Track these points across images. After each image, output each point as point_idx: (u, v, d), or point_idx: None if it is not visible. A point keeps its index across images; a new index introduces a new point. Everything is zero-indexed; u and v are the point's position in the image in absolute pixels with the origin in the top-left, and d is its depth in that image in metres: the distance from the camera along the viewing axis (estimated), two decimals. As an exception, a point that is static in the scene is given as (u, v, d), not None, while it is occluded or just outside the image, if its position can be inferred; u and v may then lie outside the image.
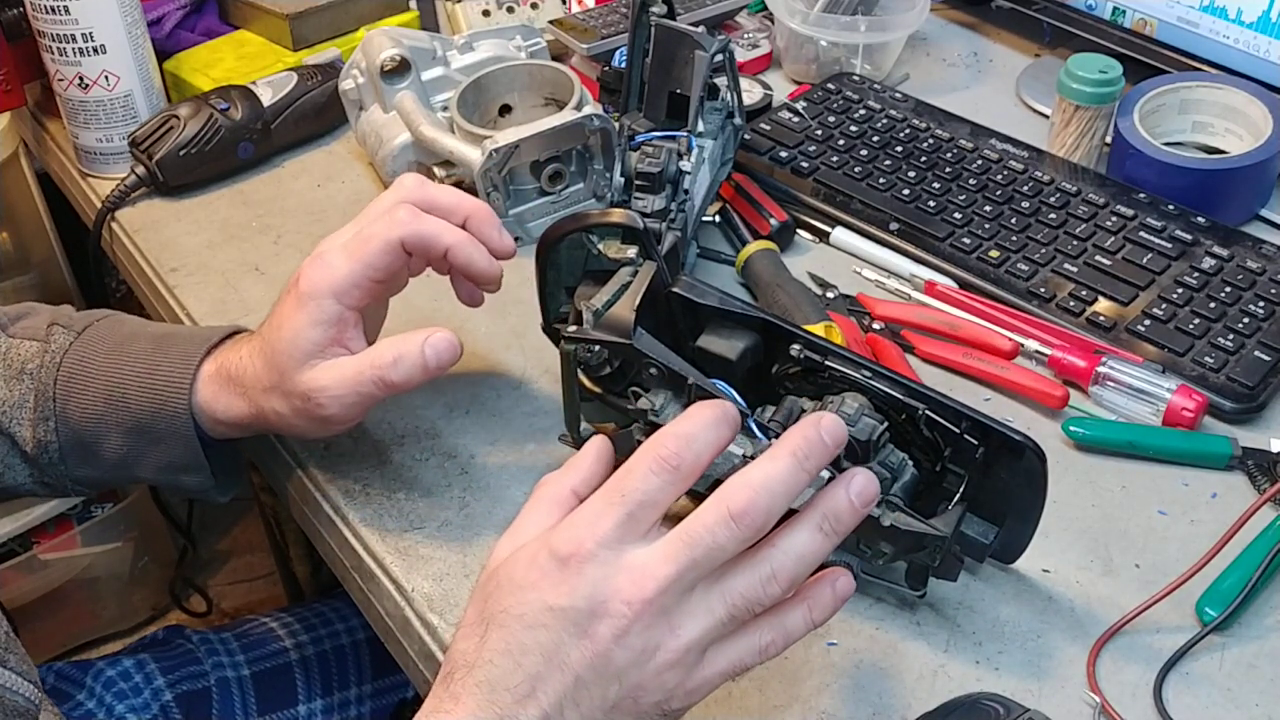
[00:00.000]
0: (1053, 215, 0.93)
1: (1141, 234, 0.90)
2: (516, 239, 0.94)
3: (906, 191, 0.96)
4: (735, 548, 0.50)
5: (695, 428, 0.52)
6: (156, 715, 0.92)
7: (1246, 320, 0.83)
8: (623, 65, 0.93)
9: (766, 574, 0.51)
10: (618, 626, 0.50)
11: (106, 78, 1.01)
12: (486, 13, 1.16)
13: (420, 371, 0.67)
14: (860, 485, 0.53)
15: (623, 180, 0.84)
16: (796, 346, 0.67)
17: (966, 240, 0.92)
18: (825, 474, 0.62)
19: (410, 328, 0.87)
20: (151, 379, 0.72)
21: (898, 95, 1.08)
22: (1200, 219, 0.91)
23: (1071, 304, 0.86)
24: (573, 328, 0.67)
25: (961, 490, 0.64)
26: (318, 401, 0.68)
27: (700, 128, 0.89)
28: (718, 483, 0.61)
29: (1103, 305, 0.86)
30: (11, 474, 0.77)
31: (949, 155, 0.99)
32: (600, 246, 0.72)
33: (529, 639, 0.50)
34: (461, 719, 0.50)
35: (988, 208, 0.94)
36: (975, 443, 0.63)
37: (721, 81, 0.93)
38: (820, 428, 0.52)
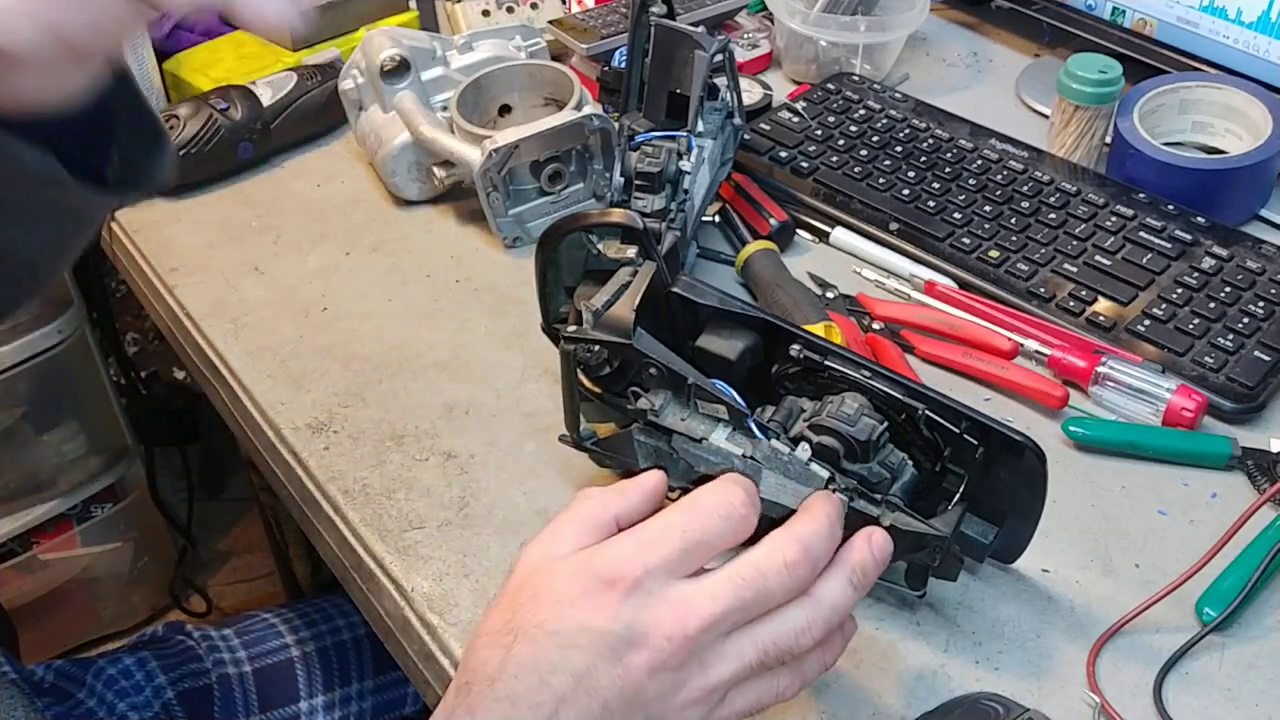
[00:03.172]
0: (1052, 215, 0.93)
1: (1141, 234, 0.90)
2: (516, 239, 0.95)
3: (906, 191, 0.96)
4: (784, 596, 0.51)
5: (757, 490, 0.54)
6: (158, 713, 0.92)
7: (1246, 320, 0.83)
8: (622, 65, 0.93)
9: (803, 624, 0.52)
10: (654, 659, 0.49)
11: (106, 78, 1.01)
12: (486, 13, 1.16)
13: None
14: (879, 539, 0.56)
15: (622, 180, 0.84)
16: (796, 346, 0.67)
17: (966, 240, 0.92)
18: (824, 473, 0.62)
19: (409, 327, 0.88)
20: None
21: (898, 95, 1.08)
22: (1200, 219, 0.91)
23: (1071, 304, 0.86)
24: (573, 328, 0.67)
25: (961, 490, 0.64)
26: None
27: (700, 128, 0.89)
28: (706, 477, 0.62)
29: (1102, 305, 0.86)
30: None
31: (949, 155, 0.99)
32: (600, 246, 0.72)
33: (560, 658, 0.49)
34: None
35: (987, 208, 0.94)
36: (975, 443, 0.63)
37: (721, 81, 0.93)
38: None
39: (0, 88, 0.56)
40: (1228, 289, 0.85)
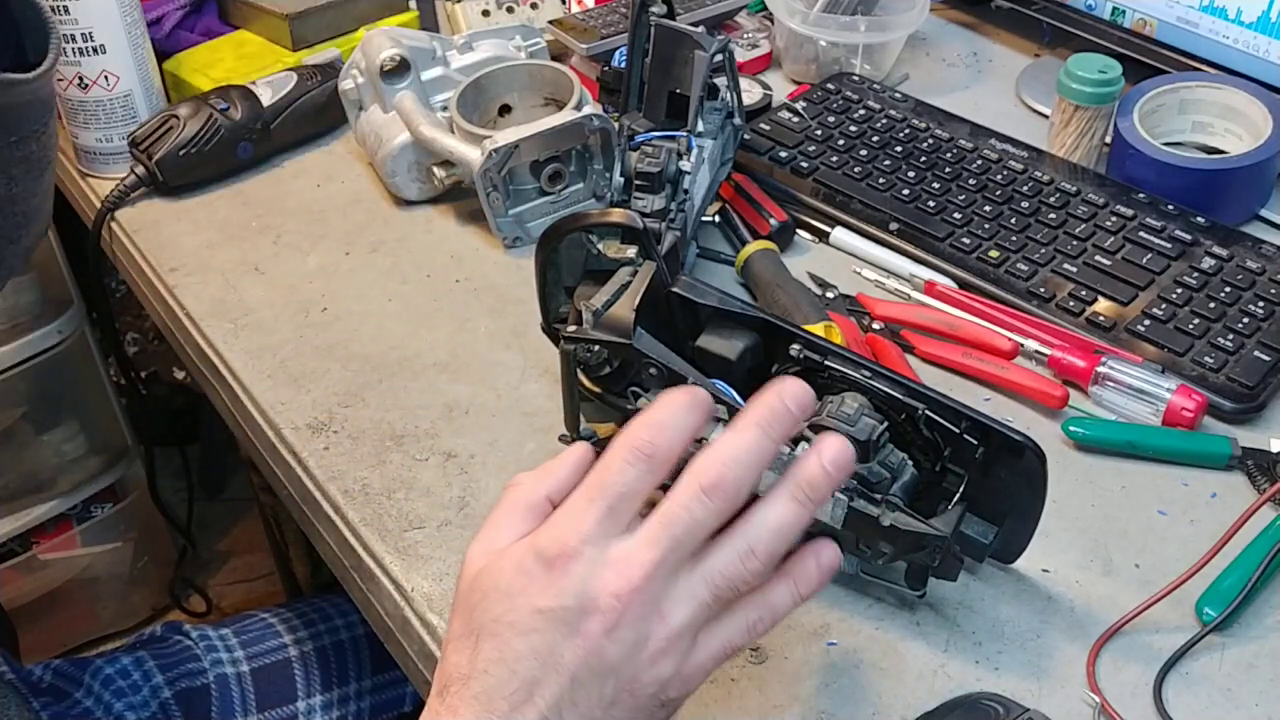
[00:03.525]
0: (1052, 215, 0.93)
1: (1141, 234, 0.90)
2: (516, 239, 0.95)
3: (906, 191, 0.96)
4: (713, 522, 0.50)
5: (667, 414, 0.51)
6: (155, 713, 0.92)
7: (1246, 320, 0.83)
8: (622, 65, 0.93)
9: (744, 550, 0.51)
10: (608, 621, 0.49)
11: (106, 78, 1.01)
12: (486, 13, 1.16)
13: None
14: (833, 452, 0.52)
15: (622, 180, 0.84)
16: (796, 346, 0.67)
17: (966, 240, 0.92)
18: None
19: (409, 327, 0.88)
20: None
21: (897, 95, 1.08)
22: (1200, 219, 0.91)
23: (1071, 304, 0.86)
24: (572, 328, 0.67)
25: (961, 490, 0.64)
26: None
27: (700, 128, 0.89)
28: None
29: (1102, 305, 0.86)
30: None
31: (949, 155, 0.99)
32: (600, 246, 0.72)
33: (522, 645, 0.50)
34: None
35: (987, 208, 0.94)
36: (975, 443, 0.63)
37: (721, 81, 0.93)
38: (784, 395, 0.51)
39: None
40: (1228, 289, 0.85)
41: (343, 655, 0.99)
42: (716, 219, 0.95)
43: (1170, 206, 0.93)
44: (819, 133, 1.03)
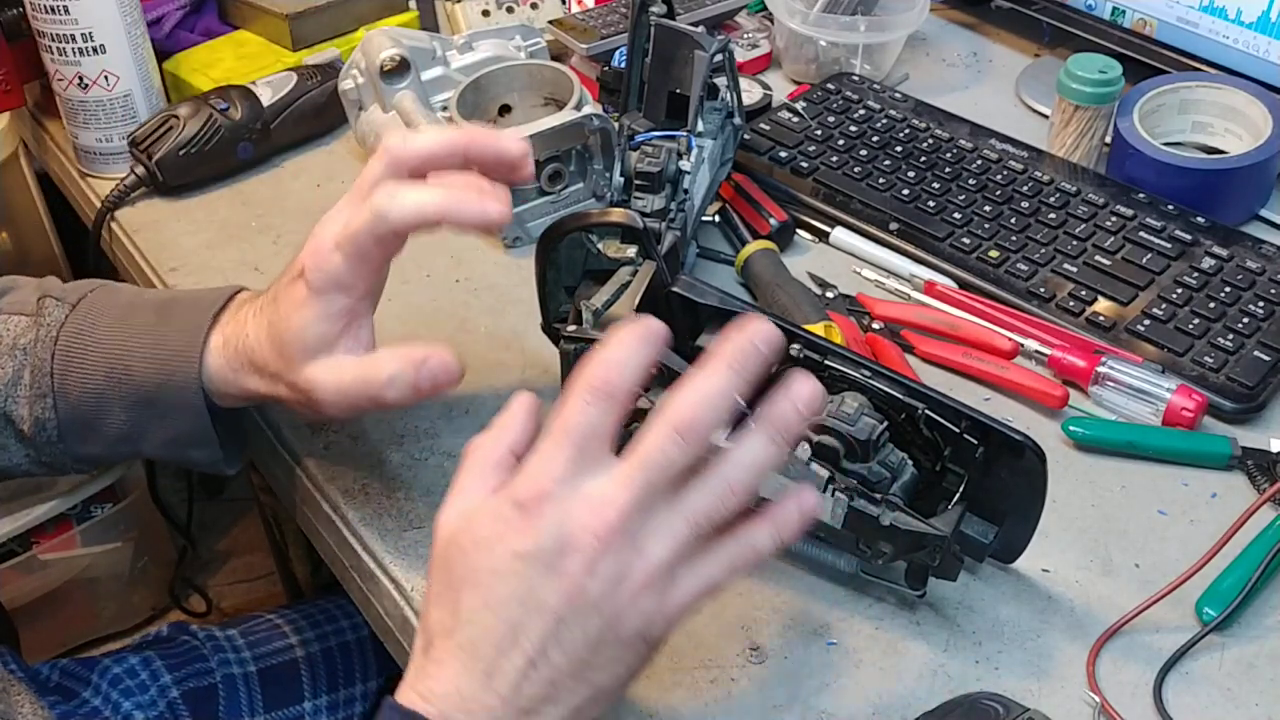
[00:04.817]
0: (1052, 215, 0.93)
1: (1141, 234, 0.90)
2: (516, 239, 0.95)
3: (906, 191, 0.96)
4: (686, 460, 0.51)
5: (620, 352, 0.51)
6: (163, 712, 0.92)
7: (1246, 320, 0.83)
8: (622, 65, 0.93)
9: (722, 487, 0.51)
10: (587, 558, 0.50)
11: (106, 78, 1.01)
12: (486, 13, 1.16)
13: (413, 394, 0.65)
14: (804, 392, 0.52)
15: (622, 180, 0.84)
16: (796, 346, 0.67)
17: (966, 240, 0.92)
18: (824, 472, 0.62)
19: (409, 327, 0.87)
20: (157, 350, 0.71)
21: (897, 95, 1.08)
22: (1200, 219, 0.91)
23: (1071, 304, 0.86)
24: (572, 327, 0.67)
25: (961, 490, 0.64)
26: (316, 399, 0.67)
27: (700, 128, 0.89)
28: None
29: (1102, 305, 0.86)
30: (6, 455, 0.75)
31: (949, 155, 0.99)
32: (600, 246, 0.72)
33: (503, 589, 0.50)
34: (447, 680, 0.51)
35: (987, 208, 0.94)
36: (975, 442, 0.63)
37: (721, 81, 0.93)
38: (753, 335, 0.52)
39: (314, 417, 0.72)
40: (1228, 289, 0.85)
41: (348, 657, 0.99)
42: (716, 219, 0.95)
43: (1170, 206, 0.93)
44: (819, 133, 1.03)
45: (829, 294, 0.89)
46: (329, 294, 0.65)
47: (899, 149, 1.01)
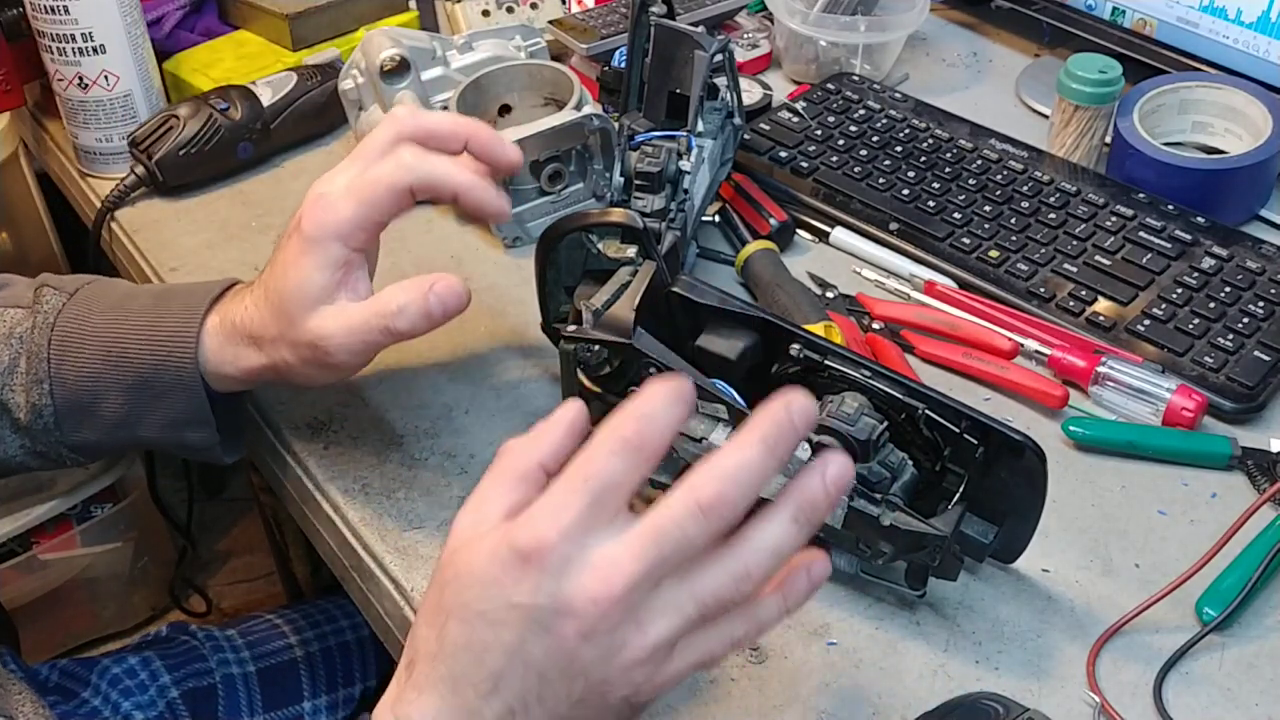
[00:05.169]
0: (1052, 215, 0.93)
1: (1141, 234, 0.90)
2: (516, 239, 0.95)
3: (906, 191, 0.96)
4: (705, 541, 0.48)
5: (654, 406, 0.49)
6: (163, 712, 0.92)
7: (1246, 320, 0.83)
8: (622, 65, 0.93)
9: (740, 572, 0.49)
10: (584, 625, 0.47)
11: (106, 78, 1.01)
12: (486, 13, 1.16)
13: (425, 319, 0.66)
14: (836, 472, 0.50)
15: (622, 180, 0.84)
16: (796, 346, 0.67)
17: (966, 240, 0.92)
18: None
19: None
20: (154, 332, 0.71)
21: (897, 95, 1.08)
22: (1200, 219, 0.91)
23: (1071, 304, 0.86)
24: (572, 327, 0.67)
25: (961, 490, 0.64)
26: (324, 349, 0.67)
27: (700, 128, 0.89)
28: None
29: (1102, 305, 0.86)
30: (1, 446, 0.75)
31: (949, 155, 1.00)
32: (600, 246, 0.72)
33: (491, 636, 0.48)
34: (426, 711, 0.50)
35: (987, 208, 0.94)
36: (975, 442, 0.63)
37: (721, 81, 0.93)
38: (791, 410, 0.49)
39: (319, 376, 0.70)
40: (1228, 289, 0.85)
41: (348, 657, 0.99)
42: (716, 219, 0.95)
43: (1170, 206, 0.93)
44: (819, 133, 1.03)
45: (829, 294, 0.89)
46: (326, 242, 0.66)
47: (899, 149, 1.01)
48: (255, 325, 0.69)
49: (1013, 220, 0.93)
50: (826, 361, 0.66)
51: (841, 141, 1.02)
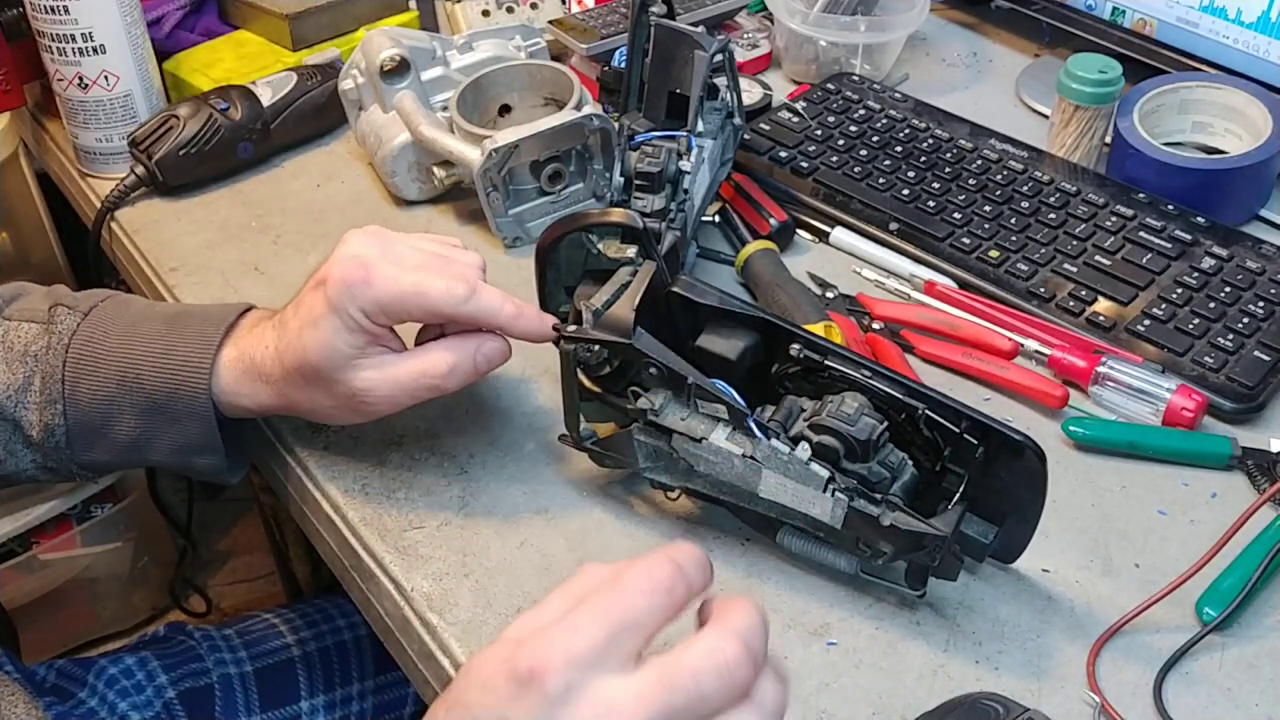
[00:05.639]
0: (1052, 215, 0.93)
1: (1141, 234, 0.90)
2: (516, 239, 0.95)
3: (906, 191, 0.96)
4: (720, 701, 0.45)
5: (688, 559, 0.47)
6: (159, 713, 0.92)
7: (1246, 320, 0.83)
8: (622, 65, 0.93)
9: None
10: None
11: (106, 78, 1.01)
12: (486, 13, 1.16)
13: (473, 377, 0.69)
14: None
15: (622, 180, 0.84)
16: (796, 346, 0.67)
17: (966, 240, 0.92)
18: (824, 472, 0.62)
19: (412, 327, 0.87)
20: (168, 359, 0.72)
21: (897, 95, 1.08)
22: (1200, 219, 0.91)
23: (1071, 304, 0.86)
24: (572, 327, 0.67)
25: (961, 490, 0.64)
26: (367, 400, 0.69)
27: (700, 128, 0.89)
28: (707, 478, 0.61)
29: (1102, 305, 0.86)
30: (14, 460, 0.76)
31: (949, 155, 0.99)
32: (600, 246, 0.72)
33: None
34: None
35: (987, 208, 0.94)
36: (975, 442, 0.63)
37: (721, 81, 0.93)
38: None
39: (350, 419, 0.72)
40: (1228, 289, 0.85)
41: (345, 656, 0.99)
42: (716, 219, 0.95)
43: (1170, 206, 0.93)
44: (819, 133, 1.03)
45: (829, 294, 0.89)
46: (353, 311, 0.67)
47: (899, 149, 1.01)
48: (275, 372, 0.70)
49: (1013, 220, 0.93)
50: (826, 361, 0.66)
51: (841, 141, 1.02)
